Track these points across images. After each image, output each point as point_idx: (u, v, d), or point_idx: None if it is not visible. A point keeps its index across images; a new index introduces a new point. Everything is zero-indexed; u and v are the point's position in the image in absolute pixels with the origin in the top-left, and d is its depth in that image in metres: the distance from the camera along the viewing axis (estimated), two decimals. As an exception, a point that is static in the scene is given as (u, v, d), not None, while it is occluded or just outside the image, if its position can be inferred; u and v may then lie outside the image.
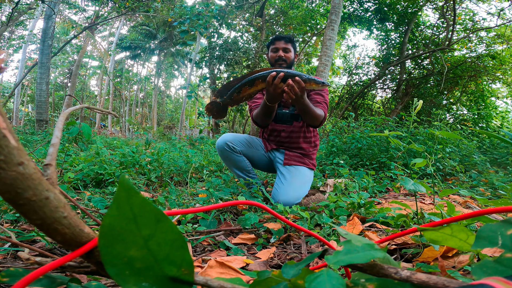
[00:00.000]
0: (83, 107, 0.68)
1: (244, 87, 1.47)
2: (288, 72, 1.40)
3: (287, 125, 1.89)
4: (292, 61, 1.91)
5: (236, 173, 1.90)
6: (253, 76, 1.46)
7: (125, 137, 9.37)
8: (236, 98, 1.51)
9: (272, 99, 1.53)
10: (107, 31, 21.37)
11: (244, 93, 1.49)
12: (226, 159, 1.87)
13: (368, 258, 0.35)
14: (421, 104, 1.13)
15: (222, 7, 7.31)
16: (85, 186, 1.94)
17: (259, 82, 1.45)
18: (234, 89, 1.48)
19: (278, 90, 1.41)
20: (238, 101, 1.52)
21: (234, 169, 1.89)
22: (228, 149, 1.84)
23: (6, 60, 13.57)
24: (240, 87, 1.47)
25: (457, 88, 7.73)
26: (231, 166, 1.90)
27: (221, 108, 1.54)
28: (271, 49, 1.92)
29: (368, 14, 7.98)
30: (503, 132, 1.14)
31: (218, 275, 0.73)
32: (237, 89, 1.48)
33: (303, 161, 1.89)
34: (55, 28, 7.71)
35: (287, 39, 1.89)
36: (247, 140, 1.92)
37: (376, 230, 1.09)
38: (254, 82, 1.45)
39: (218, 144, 1.87)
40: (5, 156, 0.26)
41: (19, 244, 0.58)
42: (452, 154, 2.99)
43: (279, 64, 1.87)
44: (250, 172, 1.89)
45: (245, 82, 1.47)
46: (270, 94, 1.48)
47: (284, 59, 1.87)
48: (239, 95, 1.49)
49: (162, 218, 0.32)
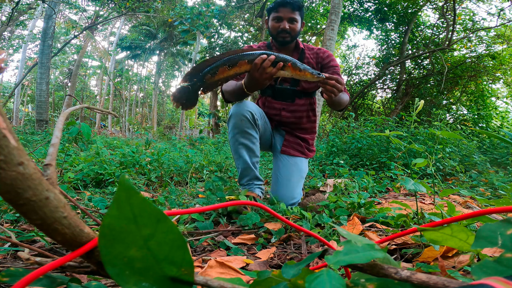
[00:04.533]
0: (83, 107, 0.68)
1: (222, 67, 1.19)
2: (280, 57, 1.18)
3: (288, 102, 1.66)
4: (298, 33, 1.60)
5: (242, 155, 1.53)
6: (238, 56, 1.20)
7: (125, 137, 9.37)
8: (210, 81, 1.21)
9: (253, 85, 1.26)
10: (107, 31, 21.39)
11: (221, 75, 1.20)
12: (240, 134, 1.50)
13: (368, 258, 0.35)
14: (422, 104, 1.13)
15: (222, 7, 7.32)
16: (85, 186, 1.94)
17: (244, 63, 1.19)
18: (209, 69, 1.19)
19: (265, 75, 1.18)
20: (212, 85, 1.22)
21: (242, 150, 1.53)
22: (251, 120, 1.49)
23: (6, 60, 13.58)
24: (217, 67, 1.19)
25: (457, 88, 7.74)
26: (241, 147, 1.52)
27: (191, 94, 1.23)
28: (273, 17, 1.58)
29: (368, 14, 7.99)
30: (503, 132, 1.14)
31: (218, 275, 0.73)
32: (213, 70, 1.19)
33: (302, 150, 1.72)
34: (55, 28, 7.71)
35: (295, 5, 1.54)
36: (262, 114, 1.63)
37: (376, 230, 1.09)
38: (237, 62, 1.19)
39: (237, 111, 1.49)
40: (5, 156, 0.26)
41: (19, 244, 0.59)
42: (452, 154, 2.99)
43: (282, 37, 1.58)
44: (258, 163, 1.60)
45: (225, 61, 1.19)
46: (255, 79, 1.21)
47: (288, 32, 1.56)
48: (213, 77, 1.20)
49: (162, 218, 0.32)
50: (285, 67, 1.18)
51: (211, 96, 11.52)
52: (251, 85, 1.28)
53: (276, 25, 1.57)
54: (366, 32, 8.59)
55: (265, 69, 1.17)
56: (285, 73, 1.19)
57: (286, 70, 1.18)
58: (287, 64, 1.17)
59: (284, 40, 1.58)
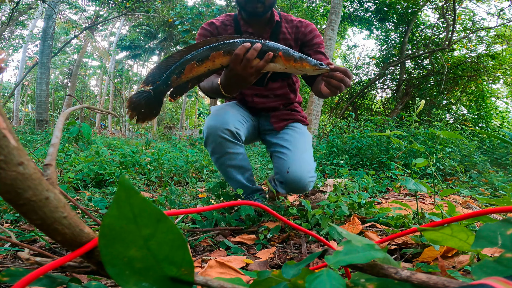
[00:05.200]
0: (83, 107, 0.68)
1: (189, 63, 0.88)
2: (267, 45, 0.89)
3: (260, 87, 1.36)
4: (274, 2, 1.20)
5: (234, 177, 1.30)
6: (210, 46, 0.89)
7: (125, 137, 9.36)
8: (177, 83, 0.90)
9: (234, 84, 0.94)
10: (107, 31, 21.41)
11: (189, 74, 0.89)
12: (223, 157, 1.24)
13: (368, 258, 0.35)
14: (423, 104, 1.13)
15: (222, 6, 7.32)
16: (85, 186, 1.94)
17: (219, 55, 0.89)
18: (174, 68, 0.90)
19: (249, 70, 0.88)
20: (181, 88, 0.92)
21: (231, 172, 1.28)
22: (231, 138, 1.20)
23: (6, 60, 13.58)
24: (182, 63, 0.89)
25: (457, 88, 7.74)
26: (230, 168, 1.27)
27: (152, 101, 0.91)
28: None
29: (368, 14, 7.99)
30: (503, 132, 1.14)
31: (218, 275, 0.73)
32: (178, 68, 0.89)
33: (294, 117, 1.43)
34: (55, 28, 7.71)
35: None
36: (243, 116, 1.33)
37: (376, 230, 1.09)
38: (208, 55, 0.88)
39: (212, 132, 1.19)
40: (5, 156, 0.26)
41: (19, 244, 0.59)
42: (452, 154, 2.99)
43: (253, 7, 1.17)
44: (252, 175, 1.36)
45: (192, 56, 0.89)
46: (236, 76, 0.91)
47: (262, 1, 1.16)
48: (180, 78, 0.89)
49: (162, 218, 0.32)
50: (275, 58, 0.88)
51: (211, 96, 11.49)
52: (231, 85, 0.95)
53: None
54: (366, 32, 8.60)
55: (249, 61, 0.87)
56: (276, 66, 0.90)
57: (277, 63, 0.89)
58: (277, 53, 0.88)
59: (255, 11, 1.19)
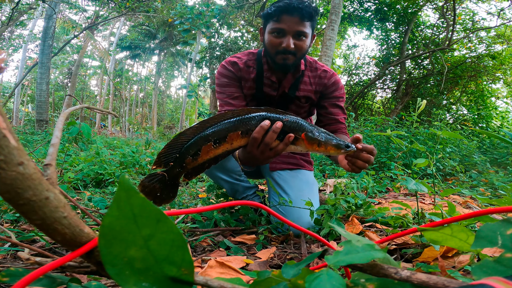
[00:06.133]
0: (83, 107, 0.68)
1: (205, 145, 0.79)
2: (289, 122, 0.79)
3: None
4: (305, 52, 1.14)
5: (221, 179, 1.30)
6: (226, 126, 0.80)
7: (125, 137, 9.37)
8: (192, 165, 0.82)
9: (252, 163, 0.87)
10: (107, 31, 21.40)
11: (205, 156, 0.81)
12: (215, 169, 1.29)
13: (368, 258, 0.35)
14: (424, 104, 1.13)
15: (222, 6, 7.32)
16: (85, 186, 1.94)
17: (236, 136, 0.80)
18: (188, 149, 0.80)
19: (267, 153, 0.80)
20: (197, 169, 0.84)
21: (218, 174, 1.29)
22: None
23: (6, 60, 13.58)
24: (197, 144, 0.80)
25: (457, 88, 7.74)
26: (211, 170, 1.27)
27: (167, 184, 0.83)
28: (272, 28, 1.10)
29: (368, 14, 7.99)
30: (503, 132, 1.14)
31: (218, 275, 0.73)
32: (192, 149, 0.80)
33: (297, 162, 1.35)
34: (55, 28, 7.71)
35: (306, 13, 1.05)
36: None
37: (376, 230, 1.09)
38: (226, 136, 0.80)
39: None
40: (5, 156, 0.26)
41: (19, 244, 0.59)
42: (452, 154, 3.00)
43: (283, 59, 1.11)
44: (241, 176, 1.33)
45: (208, 135, 0.79)
46: (253, 159, 0.83)
47: (293, 52, 1.09)
48: (196, 160, 0.81)
49: (162, 218, 0.32)
50: (296, 141, 0.79)
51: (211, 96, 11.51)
52: (249, 163, 0.89)
53: (275, 41, 1.10)
54: (366, 32, 8.59)
55: (268, 145, 0.78)
56: (297, 148, 0.81)
57: (298, 145, 0.80)
58: (299, 136, 0.79)
59: (285, 62, 1.12)
